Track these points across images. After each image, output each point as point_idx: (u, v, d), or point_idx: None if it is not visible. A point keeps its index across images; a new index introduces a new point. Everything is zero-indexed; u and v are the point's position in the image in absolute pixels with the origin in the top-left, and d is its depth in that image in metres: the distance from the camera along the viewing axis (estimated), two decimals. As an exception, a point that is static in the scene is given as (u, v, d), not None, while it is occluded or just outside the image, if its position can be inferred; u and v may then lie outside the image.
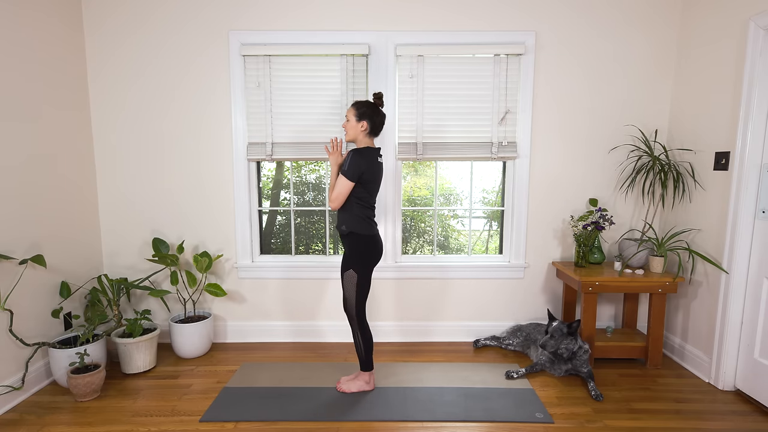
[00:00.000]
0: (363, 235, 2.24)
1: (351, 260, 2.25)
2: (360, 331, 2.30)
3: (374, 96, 2.31)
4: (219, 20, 2.84)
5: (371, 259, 2.27)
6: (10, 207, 2.29)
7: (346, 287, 2.28)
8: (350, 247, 2.26)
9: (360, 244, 2.24)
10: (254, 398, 2.33)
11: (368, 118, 2.23)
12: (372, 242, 2.27)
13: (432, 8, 2.85)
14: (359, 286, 2.26)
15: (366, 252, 2.25)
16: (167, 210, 3.01)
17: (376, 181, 2.25)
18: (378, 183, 2.27)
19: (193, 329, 2.80)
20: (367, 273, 2.27)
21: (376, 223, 2.31)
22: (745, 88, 2.29)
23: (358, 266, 2.24)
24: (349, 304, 2.29)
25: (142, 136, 2.94)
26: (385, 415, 2.16)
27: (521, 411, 2.20)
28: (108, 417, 2.17)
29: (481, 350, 2.98)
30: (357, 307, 2.28)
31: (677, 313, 2.86)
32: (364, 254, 2.25)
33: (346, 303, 2.30)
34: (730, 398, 2.37)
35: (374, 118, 2.25)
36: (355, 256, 2.25)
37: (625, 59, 2.89)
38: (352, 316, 2.29)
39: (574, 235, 2.86)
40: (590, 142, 2.97)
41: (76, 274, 2.77)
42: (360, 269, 2.25)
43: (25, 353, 2.39)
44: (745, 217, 2.32)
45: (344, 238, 2.28)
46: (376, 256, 2.29)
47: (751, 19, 2.26)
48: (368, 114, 2.23)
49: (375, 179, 2.23)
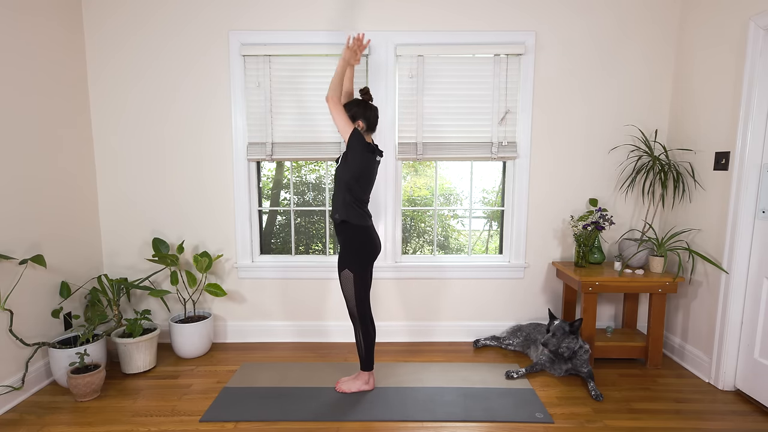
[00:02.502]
0: (356, 227, 2.19)
1: (346, 259, 2.22)
2: (362, 329, 2.29)
3: (361, 92, 2.26)
4: (219, 20, 2.84)
5: (367, 256, 2.23)
6: (11, 207, 2.30)
7: (345, 288, 2.25)
8: (344, 243, 2.22)
9: (354, 240, 2.20)
10: (254, 398, 2.33)
11: (362, 117, 2.21)
12: (365, 235, 2.21)
13: (432, 8, 2.85)
14: (357, 286, 2.23)
15: (361, 249, 2.21)
16: (167, 210, 3.01)
17: (370, 180, 2.23)
18: (372, 182, 2.24)
19: (193, 329, 2.80)
20: (363, 271, 2.23)
21: (370, 215, 2.28)
22: (745, 88, 2.29)
23: (353, 265, 2.21)
24: (349, 304, 2.28)
25: (142, 135, 2.94)
26: (385, 415, 2.16)
27: (521, 411, 2.20)
28: (108, 417, 2.17)
29: (481, 350, 2.98)
30: (358, 307, 2.26)
31: (677, 313, 2.86)
32: (360, 251, 2.21)
33: (347, 303, 2.29)
34: (730, 398, 2.37)
35: (367, 114, 2.21)
36: (349, 254, 2.21)
37: (625, 59, 2.89)
38: (354, 315, 2.29)
39: (574, 235, 2.86)
40: (590, 142, 2.97)
41: (76, 274, 2.77)
42: (356, 268, 2.21)
43: (25, 353, 2.39)
44: (745, 217, 2.32)
45: (338, 232, 2.23)
46: (372, 251, 2.24)
47: (751, 19, 2.26)
48: (360, 112, 2.20)
49: (369, 177, 2.21)
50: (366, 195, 2.24)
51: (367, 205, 2.27)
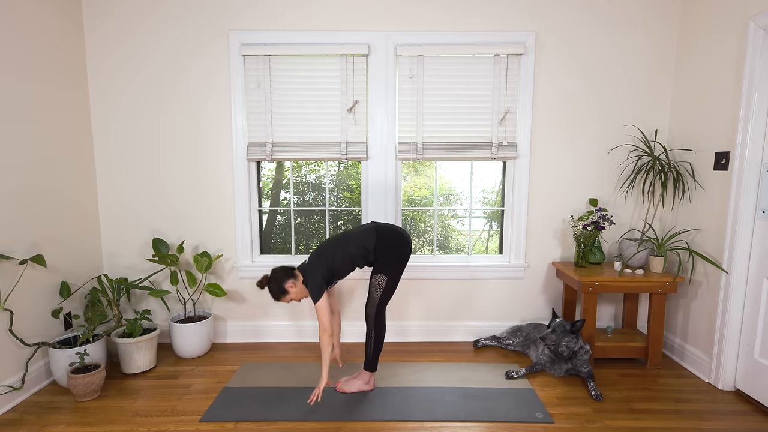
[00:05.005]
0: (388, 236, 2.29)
1: (384, 264, 2.28)
2: (375, 331, 2.33)
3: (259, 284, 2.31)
4: (219, 20, 2.84)
5: (401, 262, 2.30)
6: (10, 207, 2.29)
7: (373, 290, 2.31)
8: (382, 251, 2.28)
9: (391, 246, 2.28)
10: (254, 398, 2.33)
11: (292, 278, 2.28)
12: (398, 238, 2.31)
13: (432, 8, 2.85)
14: (387, 290, 2.30)
15: (397, 253, 2.29)
16: (167, 210, 3.01)
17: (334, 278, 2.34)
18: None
19: (193, 329, 2.80)
20: (397, 277, 2.31)
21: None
22: (745, 88, 2.29)
23: (389, 270, 2.28)
24: (370, 307, 2.32)
25: (142, 136, 2.94)
26: (385, 415, 2.16)
27: (521, 411, 2.20)
28: (108, 417, 2.17)
29: (481, 350, 2.98)
30: (378, 309, 2.31)
31: (677, 313, 2.86)
32: (398, 257, 2.29)
33: (368, 304, 2.33)
34: (730, 398, 2.37)
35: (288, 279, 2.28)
36: (387, 260, 2.27)
37: (625, 59, 2.89)
38: (371, 317, 2.32)
39: (574, 235, 2.86)
40: (590, 142, 2.97)
41: (76, 274, 2.77)
42: (390, 273, 2.29)
43: (25, 353, 2.39)
44: (745, 217, 2.32)
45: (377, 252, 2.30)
46: (406, 255, 2.32)
47: (751, 19, 2.26)
48: (287, 277, 2.28)
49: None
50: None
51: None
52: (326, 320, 2.19)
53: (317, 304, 2.19)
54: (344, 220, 3.25)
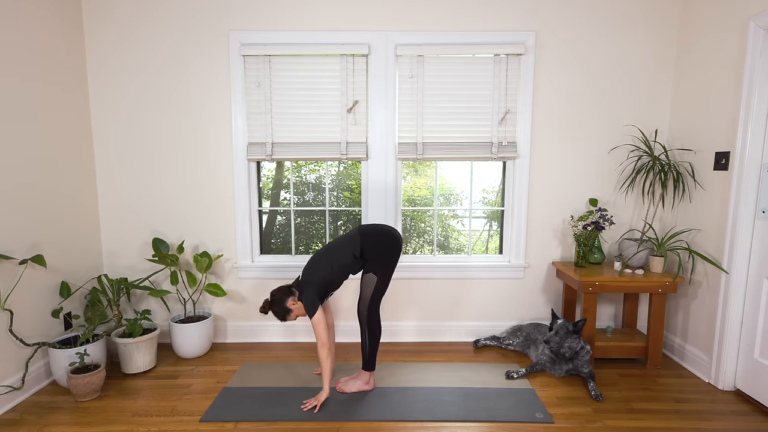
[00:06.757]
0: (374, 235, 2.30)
1: (374, 263, 2.29)
2: (369, 331, 2.33)
3: (262, 309, 2.33)
4: (219, 20, 2.84)
5: (391, 260, 2.32)
6: (10, 207, 2.30)
7: (364, 290, 2.32)
8: (371, 250, 2.29)
9: (378, 245, 2.29)
10: (254, 398, 2.33)
11: (291, 296, 2.29)
12: (388, 237, 2.31)
13: (432, 8, 2.85)
14: (377, 289, 2.31)
15: (385, 252, 2.30)
16: (167, 210, 3.01)
17: (331, 288, 2.35)
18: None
19: (193, 329, 2.80)
20: (387, 276, 2.33)
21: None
22: (745, 88, 2.29)
23: (379, 270, 2.29)
24: (362, 306, 2.32)
25: (143, 136, 2.94)
26: (385, 415, 2.16)
27: (521, 411, 2.20)
28: (108, 417, 2.17)
29: (481, 350, 2.98)
30: (370, 309, 2.32)
31: (677, 313, 2.86)
32: (385, 256, 2.29)
33: (360, 304, 2.33)
34: (730, 398, 2.37)
35: (288, 298, 2.29)
36: (376, 259, 2.28)
37: (625, 59, 2.89)
38: (364, 316, 2.31)
39: (574, 235, 2.86)
40: (590, 142, 2.97)
41: (76, 274, 2.77)
42: (381, 273, 2.30)
43: (25, 353, 2.39)
44: (745, 217, 2.32)
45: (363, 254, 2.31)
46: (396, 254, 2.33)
47: (751, 19, 2.26)
48: (287, 296, 2.29)
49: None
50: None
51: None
52: (324, 335, 2.20)
53: (313, 320, 2.19)
54: (344, 220, 3.25)
